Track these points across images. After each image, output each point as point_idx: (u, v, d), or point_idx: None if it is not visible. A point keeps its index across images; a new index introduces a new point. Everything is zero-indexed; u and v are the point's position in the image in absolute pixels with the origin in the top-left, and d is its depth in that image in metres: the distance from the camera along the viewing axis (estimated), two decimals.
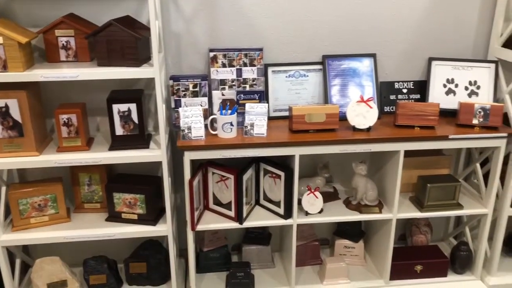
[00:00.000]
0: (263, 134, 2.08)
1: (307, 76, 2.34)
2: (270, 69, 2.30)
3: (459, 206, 2.30)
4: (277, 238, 2.60)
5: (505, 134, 2.15)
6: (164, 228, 2.13)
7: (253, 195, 2.29)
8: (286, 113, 2.27)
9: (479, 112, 2.16)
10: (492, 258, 2.41)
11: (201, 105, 2.16)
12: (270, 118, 2.28)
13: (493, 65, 2.32)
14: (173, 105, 2.17)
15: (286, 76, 2.32)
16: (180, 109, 2.05)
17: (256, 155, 2.05)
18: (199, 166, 2.20)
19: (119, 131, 2.03)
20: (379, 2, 2.29)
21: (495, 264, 2.41)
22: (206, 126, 2.10)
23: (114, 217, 2.17)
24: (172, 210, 2.21)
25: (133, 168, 2.25)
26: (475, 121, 2.17)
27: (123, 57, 1.89)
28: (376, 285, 2.37)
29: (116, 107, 2.00)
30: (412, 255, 2.42)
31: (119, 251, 2.42)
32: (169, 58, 2.26)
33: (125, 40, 1.87)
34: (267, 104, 2.13)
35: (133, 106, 2.01)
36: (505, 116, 2.26)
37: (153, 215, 2.16)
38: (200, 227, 2.16)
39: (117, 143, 2.04)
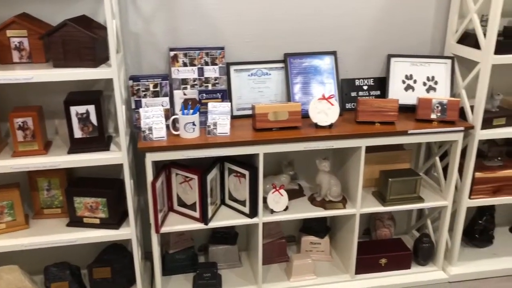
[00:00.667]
0: (227, 133, 2.07)
1: (270, 74, 2.34)
2: (232, 68, 2.29)
3: (420, 199, 2.36)
4: (244, 237, 2.60)
5: (462, 128, 2.22)
6: (127, 232, 2.09)
7: (218, 195, 2.28)
8: (250, 112, 2.27)
9: (437, 107, 2.22)
10: (452, 249, 2.49)
11: (162, 105, 2.12)
12: (234, 117, 2.27)
13: (449, 61, 2.39)
14: (133, 106, 2.13)
15: (249, 75, 2.32)
16: (140, 110, 2.01)
17: (219, 154, 2.04)
18: (162, 167, 2.17)
19: (77, 133, 1.98)
20: (338, 0, 2.32)
21: (456, 254, 2.49)
22: (168, 126, 2.07)
23: (76, 222, 2.12)
24: (136, 213, 2.18)
25: (94, 171, 2.19)
26: (433, 116, 2.23)
27: (79, 58, 1.84)
28: (342, 279, 2.41)
29: (74, 109, 1.95)
30: (376, 249, 2.46)
31: (82, 257, 2.35)
32: (128, 58, 2.21)
33: (81, 40, 1.82)
34: (229, 103, 2.12)
35: (91, 108, 1.96)
36: (462, 110, 2.33)
37: (116, 218, 2.11)
38: (164, 229, 2.13)
39: (76, 146, 1.99)
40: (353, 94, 2.44)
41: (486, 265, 2.54)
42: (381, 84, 2.46)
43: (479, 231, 2.63)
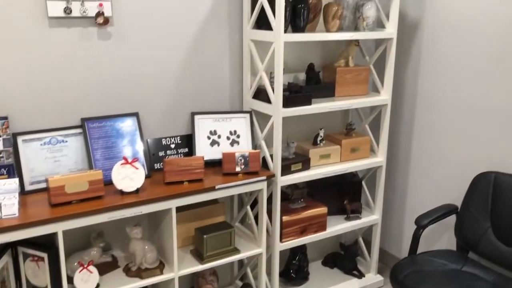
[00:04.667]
0: (15, 214, 1.82)
1: (66, 141, 2.17)
2: (20, 138, 2.05)
3: (236, 251, 2.40)
4: None
5: (264, 177, 2.35)
6: None
7: (13, 286, 1.97)
8: (45, 185, 2.05)
9: (240, 160, 2.32)
10: None
11: None
12: (27, 193, 2.03)
13: (248, 115, 2.55)
14: None
15: (41, 144, 2.11)
16: None
17: (6, 241, 1.77)
18: None
19: None
20: (138, 63, 2.29)
21: None
22: None
23: None
24: None
25: None
26: (238, 169, 2.32)
27: None
28: None
29: None
30: None
31: None
32: None
33: None
34: (17, 179, 1.88)
35: None
36: (264, 159, 2.48)
37: None
38: None
39: None
40: (161, 153, 2.41)
41: None
42: (188, 141, 2.48)
43: (294, 270, 2.78)
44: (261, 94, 2.50)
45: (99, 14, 2.12)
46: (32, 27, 2.03)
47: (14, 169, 1.97)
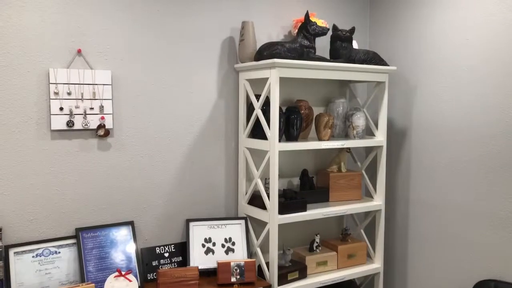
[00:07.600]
0: None
1: (59, 253, 2.13)
2: (11, 251, 2.01)
3: None
4: None
5: None
6: None
7: None
8: None
9: (236, 269, 2.27)
10: None
11: None
12: None
13: (243, 221, 2.54)
14: None
15: (33, 256, 2.06)
16: None
17: None
18: None
19: None
20: (135, 171, 2.33)
21: None
22: None
23: None
24: None
25: None
26: (233, 279, 2.27)
27: None
28: None
29: None
30: None
31: None
32: None
33: None
34: None
35: None
36: (260, 267, 2.42)
37: None
38: None
39: None
40: (155, 263, 2.36)
41: None
42: (182, 249, 2.44)
43: None
44: (256, 200, 2.52)
45: (101, 126, 2.20)
46: (34, 140, 2.09)
47: (2, 285, 1.90)
